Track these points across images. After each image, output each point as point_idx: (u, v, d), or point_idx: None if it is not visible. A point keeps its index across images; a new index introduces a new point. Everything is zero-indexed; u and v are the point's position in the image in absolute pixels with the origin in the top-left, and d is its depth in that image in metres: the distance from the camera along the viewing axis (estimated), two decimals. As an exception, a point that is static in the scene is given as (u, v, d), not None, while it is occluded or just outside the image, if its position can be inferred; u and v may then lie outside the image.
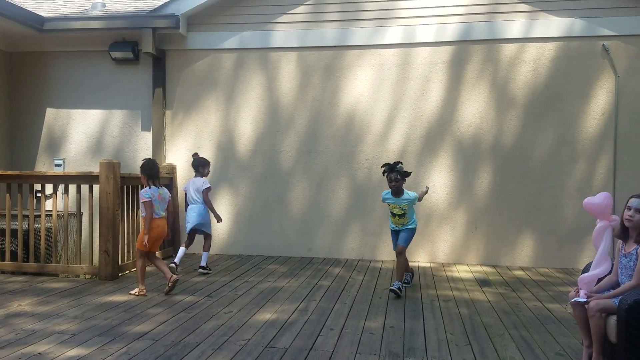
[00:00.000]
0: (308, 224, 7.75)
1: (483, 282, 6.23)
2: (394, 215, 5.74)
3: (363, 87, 7.62)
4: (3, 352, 3.69)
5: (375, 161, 7.58)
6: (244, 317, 4.65)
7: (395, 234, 5.87)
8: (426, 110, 7.48)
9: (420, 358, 3.73)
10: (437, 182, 7.47)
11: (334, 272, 6.71)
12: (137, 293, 5.40)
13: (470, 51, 7.41)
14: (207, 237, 6.69)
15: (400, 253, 5.67)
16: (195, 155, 6.82)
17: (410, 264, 7.46)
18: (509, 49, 7.34)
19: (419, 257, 7.50)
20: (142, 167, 5.52)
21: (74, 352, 3.75)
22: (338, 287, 5.89)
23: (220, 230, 7.88)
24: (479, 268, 7.11)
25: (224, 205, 7.90)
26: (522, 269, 7.07)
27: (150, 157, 7.93)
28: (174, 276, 5.44)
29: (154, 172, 5.49)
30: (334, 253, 7.67)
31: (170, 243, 7.75)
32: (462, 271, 6.89)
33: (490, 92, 7.38)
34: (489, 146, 7.39)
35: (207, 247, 6.64)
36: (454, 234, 7.44)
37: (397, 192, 5.64)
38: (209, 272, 6.55)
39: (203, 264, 6.55)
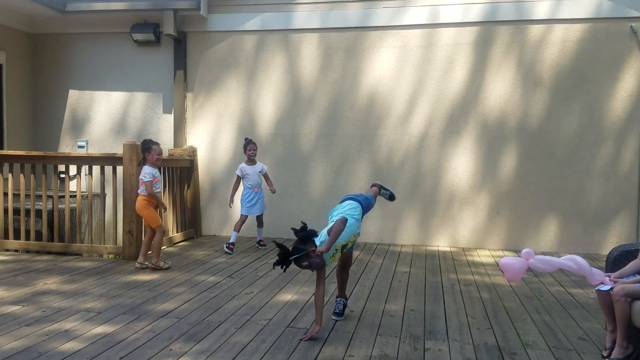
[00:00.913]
0: (327, 208, 7.63)
1: (504, 267, 6.18)
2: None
3: (385, 68, 7.53)
4: (31, 328, 3.78)
5: (396, 144, 7.53)
6: (265, 298, 4.69)
7: None
8: (449, 93, 7.39)
9: (441, 341, 3.72)
10: (460, 165, 7.39)
11: (354, 255, 6.70)
12: (162, 266, 5.71)
13: (495, 32, 7.27)
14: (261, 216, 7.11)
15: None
16: (248, 140, 7.01)
17: (430, 248, 7.46)
18: (535, 30, 7.18)
19: (439, 242, 7.46)
20: (144, 145, 5.78)
21: (100, 329, 3.82)
22: (357, 270, 5.89)
23: (239, 212, 7.90)
24: (500, 253, 7.05)
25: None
26: (544, 254, 6.98)
27: (172, 138, 8.00)
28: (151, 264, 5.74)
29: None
30: (353, 236, 7.67)
31: (190, 225, 7.82)
32: (484, 256, 6.85)
33: (515, 74, 7.25)
34: (513, 129, 7.28)
35: (262, 225, 7.10)
36: (476, 218, 7.38)
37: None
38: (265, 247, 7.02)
39: (261, 237, 7.12)
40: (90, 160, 6.55)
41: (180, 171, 7.59)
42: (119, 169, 6.33)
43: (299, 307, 4.46)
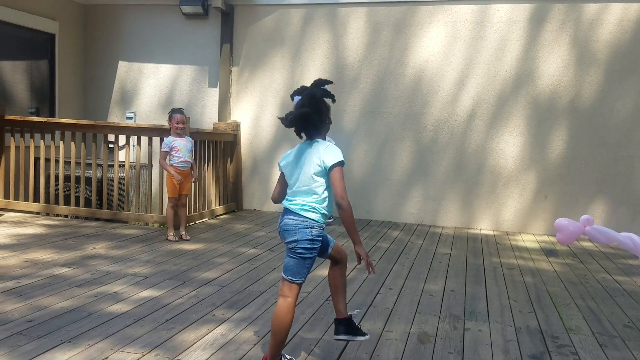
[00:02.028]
0: (368, 186, 7.72)
1: (549, 252, 6.05)
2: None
3: (434, 45, 7.38)
4: (80, 289, 3.93)
5: (442, 124, 7.40)
6: (304, 272, 4.72)
7: None
8: (500, 71, 7.18)
9: (482, 322, 3.68)
10: (507, 147, 7.22)
11: (393, 235, 6.69)
12: (168, 237, 5.77)
13: (550, 10, 7.00)
14: None
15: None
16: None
17: (472, 230, 7.36)
18: (591, 9, 6.88)
19: (482, 225, 7.35)
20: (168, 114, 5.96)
21: (146, 293, 3.95)
22: (397, 249, 5.87)
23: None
24: (545, 238, 6.89)
25: (286, 163, 7.96)
26: (590, 240, 6.79)
27: (217, 112, 8.09)
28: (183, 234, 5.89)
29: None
30: (392, 216, 7.63)
31: (232, 198, 7.93)
32: (528, 240, 6.71)
33: (569, 54, 6.98)
34: (564, 111, 7.04)
35: None
36: (521, 201, 7.22)
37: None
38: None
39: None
40: (138, 131, 6.70)
41: (224, 145, 7.68)
42: (166, 140, 6.45)
43: (339, 281, 4.48)
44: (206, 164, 7.13)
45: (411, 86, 7.49)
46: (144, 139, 6.74)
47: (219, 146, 7.49)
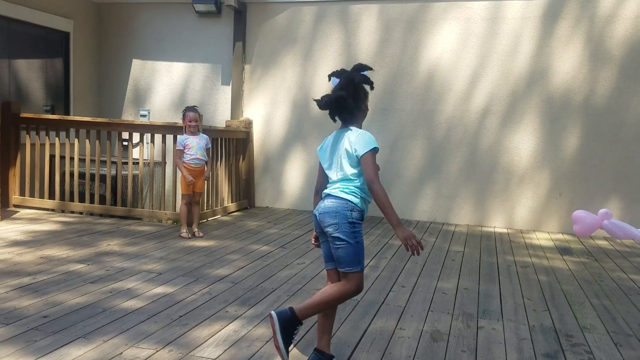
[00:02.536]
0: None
1: (564, 250, 5.99)
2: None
3: (447, 42, 7.33)
4: (95, 286, 3.97)
5: (454, 121, 7.36)
6: (316, 269, 4.73)
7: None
8: (514, 68, 7.12)
9: (495, 320, 3.66)
10: (521, 144, 7.16)
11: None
12: (181, 234, 5.81)
13: (564, 6, 6.93)
14: None
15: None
16: None
17: (485, 228, 7.31)
18: (606, 4, 6.80)
19: (496, 222, 7.30)
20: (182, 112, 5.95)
21: (160, 289, 3.98)
22: (410, 246, 5.84)
23: (292, 186, 7.99)
24: (559, 236, 6.83)
25: (297, 162, 7.98)
26: (606, 239, 6.72)
27: (230, 110, 8.11)
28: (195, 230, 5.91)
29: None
30: (405, 214, 7.60)
31: (244, 195, 7.96)
32: (542, 238, 6.65)
33: (583, 51, 6.91)
34: (579, 107, 6.97)
35: None
36: (535, 199, 7.16)
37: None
38: None
39: None
40: (152, 129, 6.74)
41: (236, 142, 7.71)
42: (179, 137, 6.48)
43: (351, 279, 4.48)
44: (219, 162, 7.16)
45: (424, 83, 7.46)
46: (158, 137, 6.78)
47: (231, 144, 7.52)
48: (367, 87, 2.78)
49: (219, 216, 7.13)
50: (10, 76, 7.33)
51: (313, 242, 2.94)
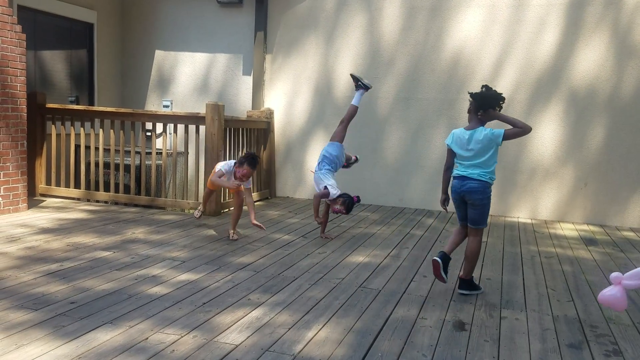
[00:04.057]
0: (401, 174, 7.67)
1: (589, 241, 5.91)
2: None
3: (471, 29, 7.23)
4: (121, 272, 4.04)
5: (477, 110, 7.26)
6: (337, 258, 4.75)
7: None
8: (539, 56, 7.00)
9: (519, 310, 3.63)
10: (546, 133, 7.05)
11: (427, 222, 6.64)
12: (196, 214, 5.72)
13: (591, -8, 6.78)
14: None
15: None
16: None
17: (509, 219, 7.23)
18: (637, -11, 6.63)
19: (520, 213, 7.22)
20: (243, 158, 5.19)
21: (184, 276, 4.03)
22: (431, 237, 5.83)
23: (312, 176, 7.98)
24: (585, 227, 6.73)
25: (317, 150, 7.96)
26: (632, 230, 6.61)
27: (251, 100, 8.13)
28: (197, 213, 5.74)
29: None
30: (426, 204, 7.56)
31: (265, 185, 8.00)
32: (567, 229, 6.56)
33: (611, 39, 6.75)
34: (605, 97, 6.83)
35: None
36: (560, 189, 7.05)
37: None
38: None
39: None
40: (175, 119, 6.80)
41: (257, 133, 7.74)
42: (202, 128, 6.54)
43: (371, 269, 4.49)
44: (240, 152, 7.19)
45: (447, 71, 7.37)
46: (180, 127, 6.84)
47: (252, 134, 7.55)
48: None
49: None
50: (35, 67, 7.46)
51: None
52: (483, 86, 4.08)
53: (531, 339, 3.16)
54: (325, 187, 5.31)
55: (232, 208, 5.76)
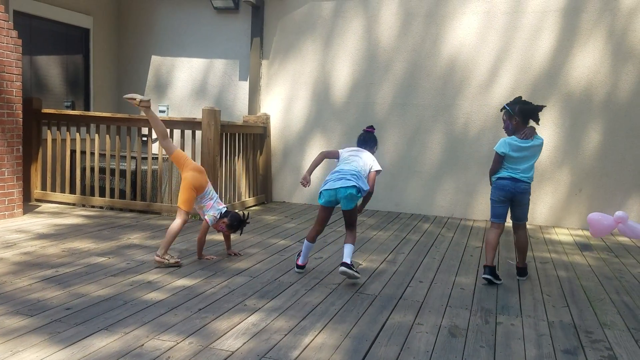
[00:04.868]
0: (397, 179, 7.69)
1: (584, 246, 5.94)
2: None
3: (466, 36, 7.27)
4: (117, 278, 4.03)
5: (473, 116, 7.31)
6: (333, 263, 4.75)
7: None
8: (534, 62, 7.04)
9: (514, 316, 3.65)
10: (539, 139, 7.08)
11: (423, 227, 6.65)
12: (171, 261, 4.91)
13: (586, -1, 6.83)
14: None
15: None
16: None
17: (504, 224, 7.21)
18: (631, -3, 6.69)
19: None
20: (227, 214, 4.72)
21: (180, 282, 4.03)
22: (427, 242, 5.84)
23: (311, 181, 7.99)
24: (579, 232, 6.77)
25: (314, 155, 7.96)
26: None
27: (247, 105, 8.13)
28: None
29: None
30: (422, 209, 7.58)
31: (262, 190, 8.00)
32: (562, 234, 6.59)
33: (605, 45, 6.80)
34: (600, 102, 6.87)
35: None
36: (555, 195, 7.09)
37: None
38: None
39: None
40: (171, 124, 6.77)
41: (254, 138, 7.75)
42: (198, 133, 6.55)
43: (368, 274, 4.49)
44: (236, 157, 7.20)
45: (443, 77, 7.41)
46: (177, 132, 6.84)
47: (248, 139, 7.56)
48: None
49: (237, 210, 7.16)
50: (31, 73, 7.45)
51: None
52: (520, 99, 4.67)
53: (527, 344, 3.17)
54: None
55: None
